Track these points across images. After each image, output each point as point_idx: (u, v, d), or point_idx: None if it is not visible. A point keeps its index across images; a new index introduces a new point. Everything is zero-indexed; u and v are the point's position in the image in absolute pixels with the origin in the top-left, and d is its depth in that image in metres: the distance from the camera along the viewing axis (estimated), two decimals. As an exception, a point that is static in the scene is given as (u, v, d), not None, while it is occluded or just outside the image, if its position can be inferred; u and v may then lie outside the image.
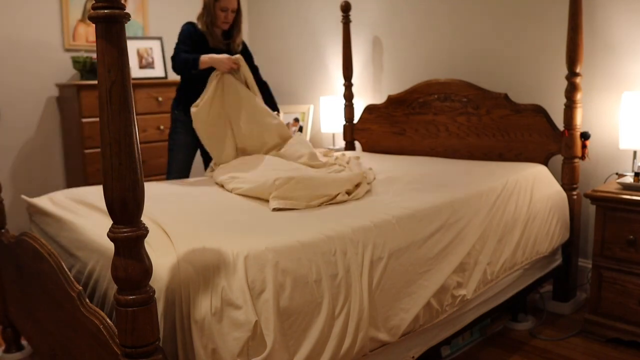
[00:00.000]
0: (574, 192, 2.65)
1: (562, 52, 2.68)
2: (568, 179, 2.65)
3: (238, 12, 3.07)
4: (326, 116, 3.90)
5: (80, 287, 1.55)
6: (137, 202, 1.13)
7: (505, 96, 2.92)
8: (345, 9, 3.52)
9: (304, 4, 4.18)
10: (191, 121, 2.86)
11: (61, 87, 3.71)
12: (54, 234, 2.00)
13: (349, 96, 3.65)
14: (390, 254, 1.77)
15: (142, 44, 3.91)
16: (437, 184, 2.35)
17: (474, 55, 3.19)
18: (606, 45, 2.67)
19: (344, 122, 3.69)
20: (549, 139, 2.75)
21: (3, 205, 2.31)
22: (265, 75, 4.57)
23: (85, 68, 3.63)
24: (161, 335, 1.32)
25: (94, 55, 3.61)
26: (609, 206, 2.34)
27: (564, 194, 2.61)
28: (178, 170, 3.08)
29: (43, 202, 2.23)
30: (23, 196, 2.34)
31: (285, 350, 1.46)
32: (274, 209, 1.98)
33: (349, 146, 3.68)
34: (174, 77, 4.10)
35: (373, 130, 3.54)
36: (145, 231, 1.16)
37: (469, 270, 2.02)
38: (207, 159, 3.14)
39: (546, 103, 2.83)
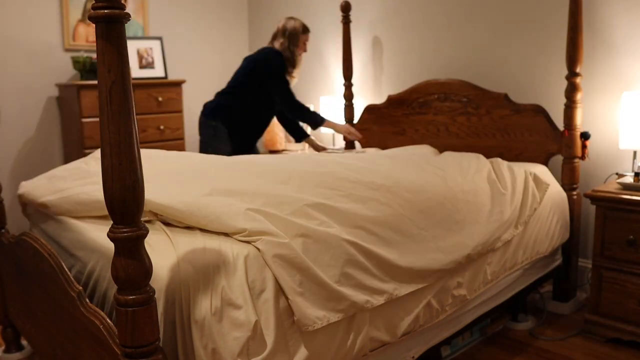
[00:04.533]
0: (574, 192, 2.65)
1: (562, 52, 2.69)
2: (568, 179, 2.65)
3: None
4: (326, 116, 3.90)
5: (80, 287, 1.55)
6: (137, 202, 1.13)
7: (505, 96, 2.92)
8: (345, 9, 3.52)
9: (303, 4, 4.18)
10: (229, 132, 3.26)
11: (61, 87, 3.71)
12: (54, 234, 2.00)
13: (349, 96, 3.65)
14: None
15: (142, 44, 3.91)
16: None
17: (474, 55, 3.19)
18: (606, 45, 2.67)
19: (344, 122, 3.69)
20: (549, 139, 2.75)
21: (3, 205, 2.31)
22: (265, 75, 4.58)
23: (85, 68, 3.63)
24: (161, 335, 1.32)
25: (94, 55, 3.61)
26: (609, 206, 2.34)
27: (564, 194, 2.61)
28: None
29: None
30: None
31: (285, 350, 1.46)
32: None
33: (349, 146, 3.68)
34: (174, 77, 4.11)
35: (373, 130, 3.54)
36: (145, 231, 1.16)
37: (469, 270, 2.03)
38: None
39: (546, 103, 2.83)
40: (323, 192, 1.88)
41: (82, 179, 2.18)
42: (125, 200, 1.11)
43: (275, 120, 4.05)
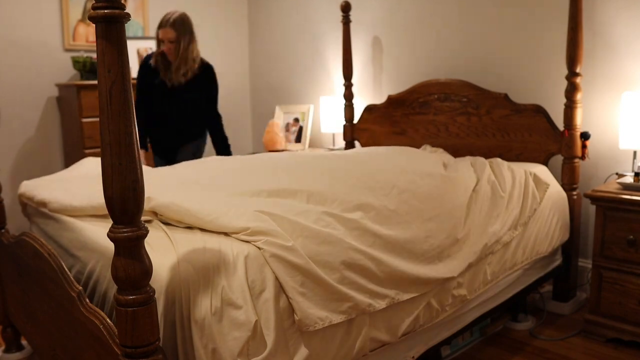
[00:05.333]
0: (574, 192, 2.65)
1: (562, 52, 2.69)
2: (568, 179, 2.65)
3: (179, 42, 3.05)
4: (326, 116, 3.90)
5: (80, 287, 1.55)
6: (137, 202, 1.13)
7: (505, 96, 2.92)
8: (345, 9, 3.52)
9: (304, 4, 4.18)
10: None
11: (61, 87, 3.71)
12: (54, 234, 2.00)
13: (349, 96, 3.65)
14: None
15: (142, 44, 3.91)
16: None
17: (474, 55, 3.19)
18: (606, 45, 2.67)
19: (344, 122, 3.69)
20: (549, 139, 2.75)
21: (3, 205, 2.31)
22: (265, 75, 4.59)
23: (85, 68, 3.63)
24: (161, 335, 1.32)
25: (94, 55, 3.61)
26: (609, 206, 2.34)
27: (564, 194, 2.61)
28: None
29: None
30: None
31: (285, 350, 1.46)
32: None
33: (349, 146, 3.69)
34: (174, 77, 4.11)
35: (373, 130, 3.54)
36: (145, 231, 1.16)
37: (469, 270, 2.02)
38: None
39: (546, 103, 2.84)
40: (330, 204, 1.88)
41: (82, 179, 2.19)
42: (125, 200, 1.11)
43: (275, 120, 4.06)
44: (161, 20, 3.07)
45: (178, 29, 3.04)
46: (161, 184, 2.06)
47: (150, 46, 3.93)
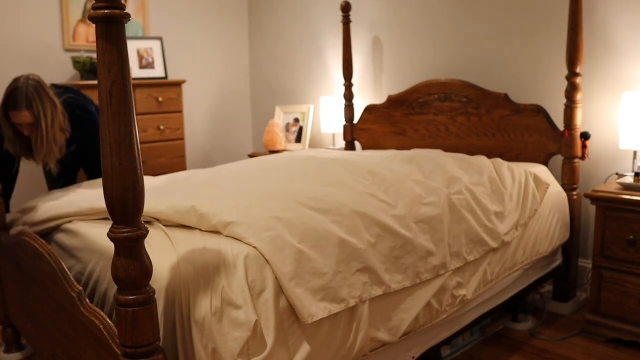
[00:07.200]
0: (574, 192, 2.65)
1: (562, 52, 2.69)
2: (568, 179, 2.65)
3: (40, 120, 2.34)
4: (326, 116, 3.90)
5: (80, 287, 1.55)
6: (137, 202, 1.13)
7: (505, 96, 2.92)
8: (345, 9, 3.52)
9: (304, 4, 4.18)
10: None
11: (61, 87, 3.70)
12: (54, 234, 2.00)
13: (349, 96, 3.65)
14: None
15: (142, 44, 3.91)
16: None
17: (474, 55, 3.19)
18: (606, 45, 2.67)
19: (344, 122, 3.69)
20: (549, 139, 2.75)
21: (3, 205, 2.31)
22: (265, 75, 4.59)
23: (85, 68, 3.62)
24: (161, 335, 1.32)
25: (94, 55, 3.61)
26: (609, 206, 2.34)
27: (564, 194, 2.61)
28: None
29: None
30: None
31: (285, 350, 1.46)
32: None
33: (349, 146, 3.69)
34: (174, 77, 4.11)
35: (373, 130, 3.54)
36: (145, 231, 1.17)
37: (469, 270, 2.03)
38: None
39: (546, 103, 2.84)
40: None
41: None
42: (125, 200, 1.11)
43: (275, 120, 4.06)
44: (6, 97, 2.35)
45: (35, 105, 2.33)
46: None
47: (151, 46, 3.92)
